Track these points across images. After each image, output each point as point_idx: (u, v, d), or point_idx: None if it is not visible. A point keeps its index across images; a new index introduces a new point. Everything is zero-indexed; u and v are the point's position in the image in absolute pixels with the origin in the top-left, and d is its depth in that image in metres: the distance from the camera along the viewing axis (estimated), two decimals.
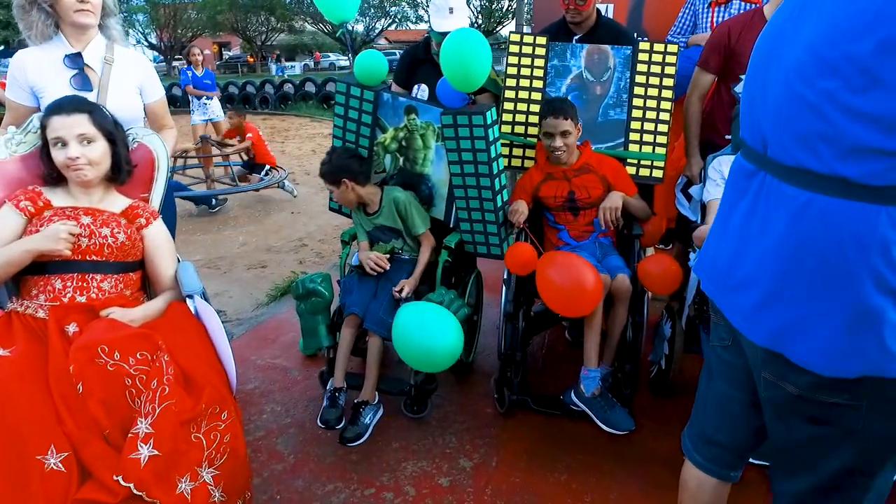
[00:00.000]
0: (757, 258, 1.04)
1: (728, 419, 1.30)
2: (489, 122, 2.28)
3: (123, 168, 1.82)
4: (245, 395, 2.54)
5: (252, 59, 38.46)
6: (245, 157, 6.59)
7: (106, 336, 1.47)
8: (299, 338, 2.87)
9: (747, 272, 1.07)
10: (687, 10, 3.30)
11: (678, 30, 3.34)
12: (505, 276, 2.36)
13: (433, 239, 2.45)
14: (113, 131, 1.78)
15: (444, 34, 2.42)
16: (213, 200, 5.90)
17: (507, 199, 2.49)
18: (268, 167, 6.48)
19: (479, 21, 29.72)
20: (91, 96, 2.03)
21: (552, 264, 2.11)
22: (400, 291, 2.28)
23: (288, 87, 16.09)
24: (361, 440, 2.13)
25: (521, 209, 2.36)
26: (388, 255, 2.34)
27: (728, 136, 2.50)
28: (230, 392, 1.58)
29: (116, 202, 1.82)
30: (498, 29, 30.20)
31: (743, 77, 2.47)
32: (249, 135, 6.44)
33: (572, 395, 2.14)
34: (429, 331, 1.98)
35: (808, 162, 0.93)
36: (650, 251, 3.19)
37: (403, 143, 2.57)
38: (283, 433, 2.30)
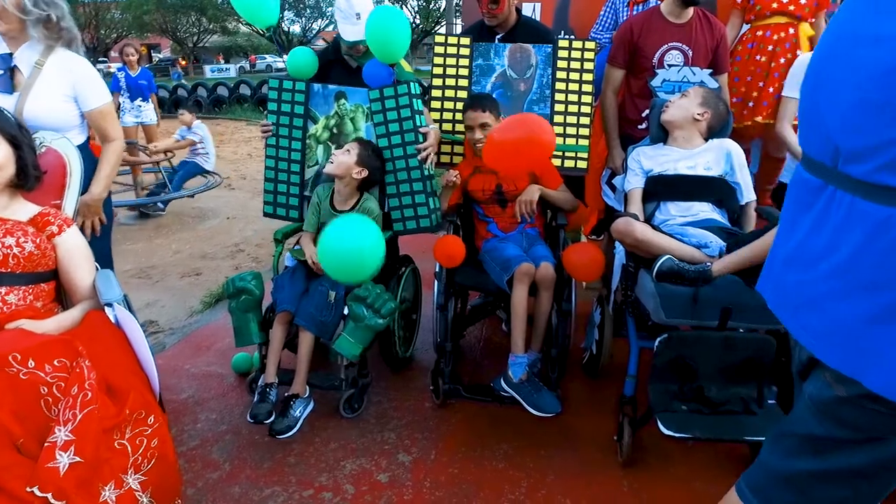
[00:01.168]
0: (828, 275, 0.98)
1: None
2: (414, 91, 2.42)
3: (31, 174, 1.74)
4: (178, 404, 2.48)
5: (184, 62, 37.06)
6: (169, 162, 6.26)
7: (19, 345, 1.40)
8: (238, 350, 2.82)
9: (817, 292, 1.01)
10: (608, 9, 3.43)
11: (600, 27, 3.46)
12: (436, 270, 2.41)
13: None
14: (16, 134, 1.70)
15: (352, 43, 2.52)
16: (161, 203, 5.72)
17: (438, 188, 2.55)
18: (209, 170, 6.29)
19: (417, 21, 29.75)
20: (10, 99, 1.97)
21: (502, 129, 2.22)
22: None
23: (222, 90, 15.64)
24: (291, 432, 2.12)
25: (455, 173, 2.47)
26: None
27: (641, 127, 2.63)
28: (154, 396, 1.55)
29: (23, 210, 1.73)
30: (436, 28, 30.34)
31: (658, 71, 2.63)
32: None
33: (501, 381, 2.20)
34: (349, 235, 1.94)
35: (888, 177, 0.85)
36: (583, 239, 3.31)
37: (335, 129, 2.61)
38: (218, 441, 2.26)
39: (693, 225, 2.18)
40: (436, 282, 2.41)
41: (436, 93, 2.75)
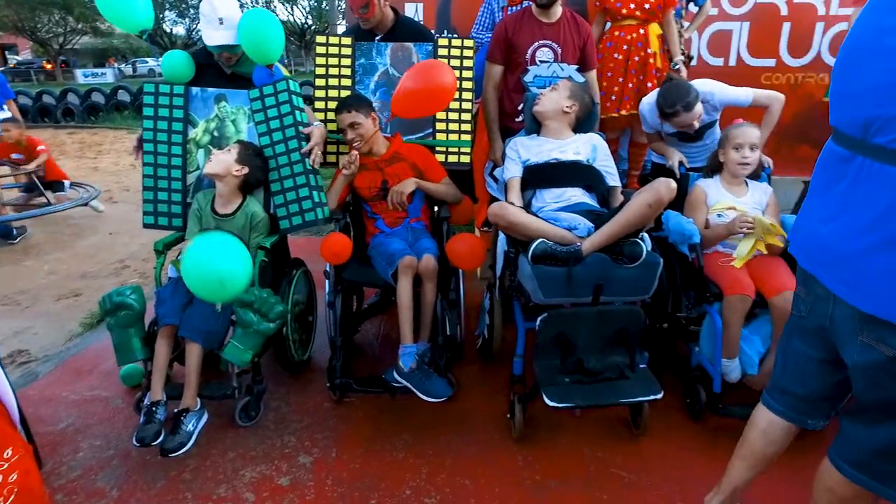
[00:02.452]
0: (862, 232, 1.15)
1: (803, 375, 1.48)
2: (293, 88, 2.46)
3: None
4: (55, 435, 2.31)
5: (50, 66, 33.66)
6: (29, 177, 5.61)
7: None
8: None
9: (853, 246, 1.17)
10: (485, 10, 3.58)
11: (479, 27, 3.60)
12: (326, 269, 2.42)
13: None
14: None
15: (216, 48, 2.51)
16: (14, 231, 5.09)
17: (322, 183, 2.56)
18: (68, 183, 5.80)
19: (310, 21, 29.09)
20: None
21: (406, 80, 2.39)
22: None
23: (97, 97, 14.44)
24: (184, 449, 2.04)
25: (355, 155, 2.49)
26: None
27: (518, 120, 2.78)
28: (13, 428, 1.45)
29: None
30: (329, 29, 29.83)
31: (530, 68, 2.79)
32: (42, 147, 5.62)
33: (393, 372, 2.25)
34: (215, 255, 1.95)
35: None
36: (476, 232, 3.43)
37: (215, 133, 2.55)
38: (104, 468, 2.13)
39: (566, 209, 2.33)
40: (325, 280, 2.42)
41: (319, 93, 2.75)
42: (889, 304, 1.12)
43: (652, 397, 2.07)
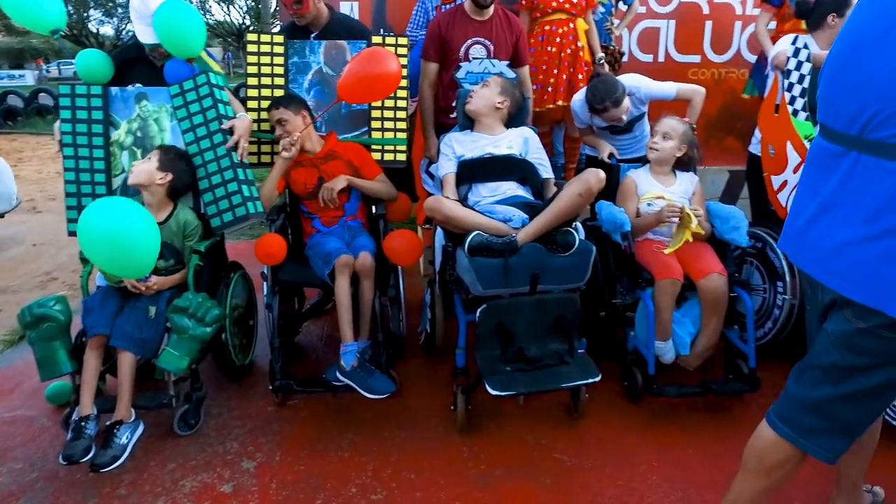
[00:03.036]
0: (857, 225, 1.19)
1: None
2: (214, 81, 2.40)
3: None
4: None
5: None
6: None
7: None
8: (50, 382, 2.53)
9: (846, 238, 1.21)
10: (419, 8, 3.59)
11: (414, 25, 3.61)
12: (263, 271, 2.38)
13: None
14: None
15: (150, 45, 2.45)
16: None
17: (252, 176, 2.51)
18: None
19: (247, 22, 28.31)
20: None
21: (352, 63, 2.40)
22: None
23: (14, 100, 13.57)
24: (118, 463, 1.96)
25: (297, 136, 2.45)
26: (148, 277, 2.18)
27: (452, 116, 2.81)
28: None
29: None
30: (268, 28, 29.13)
31: (462, 64, 2.82)
32: None
33: (335, 371, 2.24)
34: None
35: None
36: (419, 230, 3.44)
37: (138, 133, 2.46)
38: (27, 492, 2.00)
39: (502, 202, 2.38)
40: (263, 282, 2.38)
41: (252, 92, 2.70)
42: (879, 295, 1.18)
43: (590, 380, 2.13)
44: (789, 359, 2.67)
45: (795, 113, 2.55)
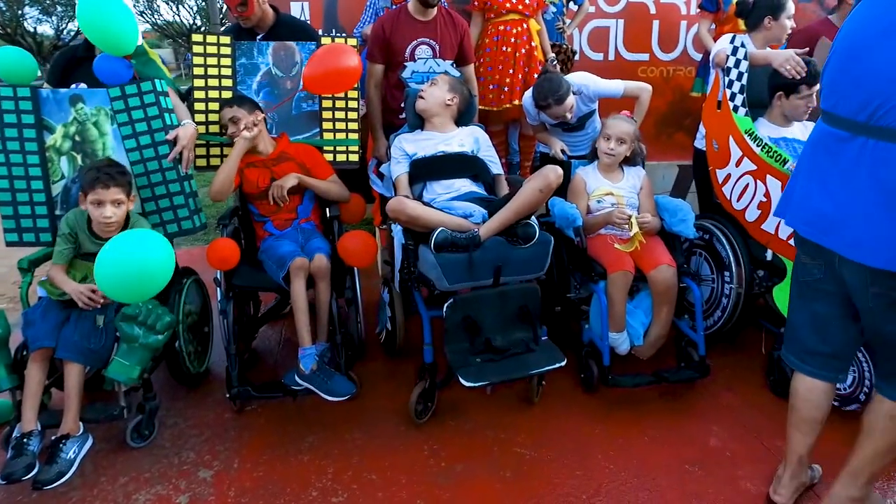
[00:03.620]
0: (871, 202, 1.38)
1: (828, 334, 1.68)
2: (160, 89, 2.33)
3: None
4: None
5: None
6: None
7: None
8: None
9: (863, 212, 1.39)
10: (369, 8, 3.58)
11: (364, 25, 3.60)
12: (216, 276, 2.34)
13: None
14: None
15: None
16: None
17: (196, 188, 2.47)
18: None
19: (198, 22, 27.55)
20: None
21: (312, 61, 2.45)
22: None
23: None
24: (64, 479, 1.89)
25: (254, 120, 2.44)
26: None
27: (402, 116, 2.81)
28: None
29: None
30: (218, 30, 28.38)
31: (407, 64, 2.82)
32: None
33: (294, 375, 2.22)
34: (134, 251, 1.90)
35: None
36: (376, 231, 3.43)
37: (77, 137, 2.36)
38: None
39: (457, 199, 2.40)
40: (217, 288, 2.34)
41: (199, 94, 2.64)
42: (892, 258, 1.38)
43: (557, 365, 2.18)
44: (737, 346, 2.81)
45: (736, 109, 2.65)
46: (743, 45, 2.66)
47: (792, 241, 2.38)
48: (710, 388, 2.54)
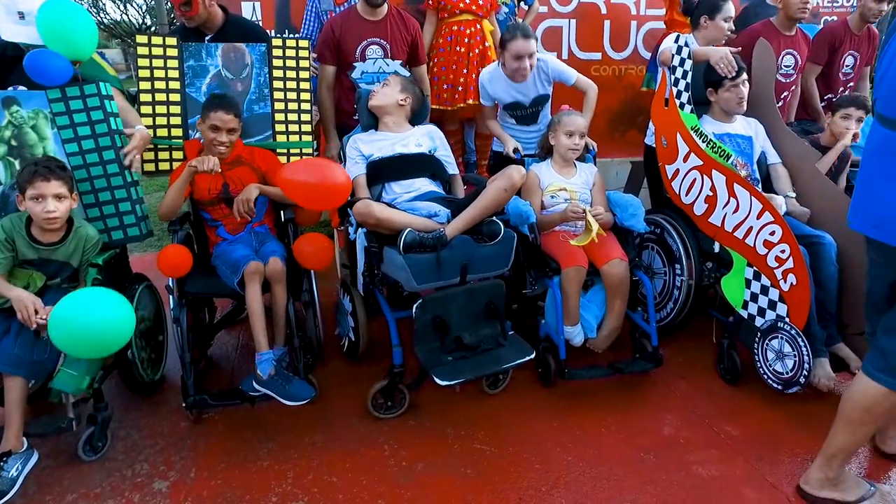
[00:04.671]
0: None
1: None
2: (105, 92, 2.26)
3: None
4: None
5: None
6: None
7: None
8: None
9: None
10: (310, 12, 3.51)
11: (306, 28, 3.53)
12: (168, 284, 2.29)
13: None
14: None
15: (16, 44, 2.30)
16: None
17: (143, 194, 2.42)
18: None
19: (148, 21, 26.64)
20: None
21: (295, 170, 2.26)
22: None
23: None
24: (5, 499, 1.83)
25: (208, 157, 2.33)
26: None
27: (356, 118, 2.81)
28: None
29: None
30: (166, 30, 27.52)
31: (356, 64, 2.81)
32: None
33: (252, 381, 2.20)
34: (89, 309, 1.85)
35: None
36: (335, 233, 3.41)
37: (13, 142, 2.26)
38: None
39: (417, 199, 2.41)
40: (170, 295, 2.29)
41: (145, 97, 2.58)
42: None
43: (527, 357, 2.23)
44: (689, 335, 2.90)
45: (682, 106, 2.73)
46: (687, 45, 2.75)
47: (737, 234, 2.49)
48: (664, 378, 2.62)
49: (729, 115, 2.79)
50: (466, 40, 3.37)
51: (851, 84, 3.76)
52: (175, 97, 2.58)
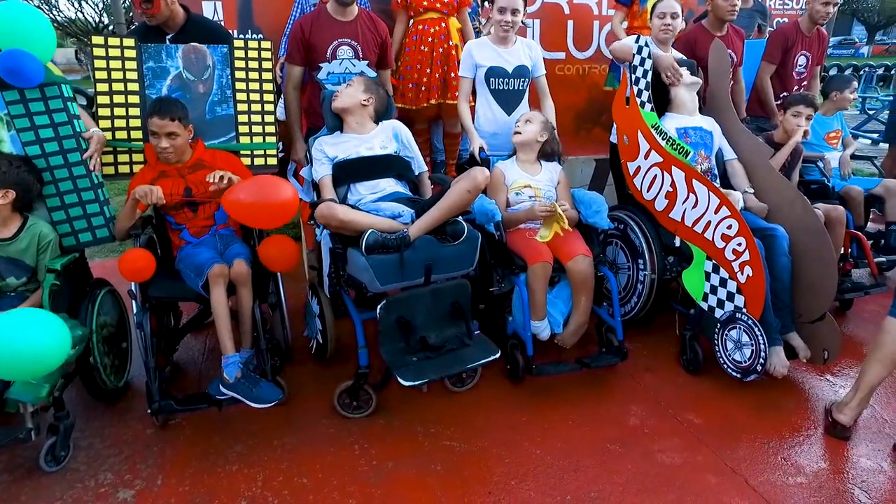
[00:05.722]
0: None
1: None
2: (67, 94, 2.22)
3: None
4: None
5: None
6: None
7: None
8: None
9: None
10: (296, 9, 3.49)
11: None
12: (130, 288, 2.25)
13: None
14: None
15: None
16: None
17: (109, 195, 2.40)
18: None
19: (105, 20, 25.77)
20: None
21: (239, 191, 2.17)
22: None
23: None
24: None
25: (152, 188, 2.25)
26: None
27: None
28: None
29: None
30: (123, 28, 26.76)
31: (322, 65, 2.80)
32: None
33: (219, 385, 2.18)
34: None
35: None
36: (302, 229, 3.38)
37: None
38: None
39: (383, 199, 2.42)
40: (132, 300, 2.25)
41: (103, 99, 2.52)
42: None
43: (492, 357, 2.24)
44: (653, 329, 2.97)
45: (643, 104, 2.80)
46: (647, 45, 2.82)
47: (697, 228, 2.57)
48: (630, 370, 2.68)
49: (690, 110, 2.88)
50: (430, 39, 3.38)
51: (805, 83, 3.90)
52: (134, 99, 2.53)
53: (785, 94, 3.70)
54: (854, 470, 2.09)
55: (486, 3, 4.07)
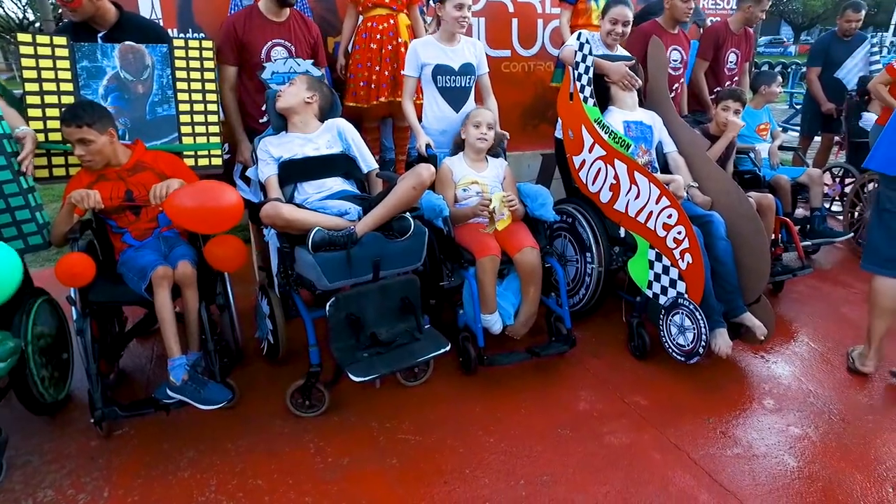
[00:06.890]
0: None
1: None
2: None
3: None
4: None
5: None
6: None
7: None
8: None
9: None
10: (233, 7, 3.44)
11: None
12: (69, 294, 2.17)
13: None
14: None
15: None
16: None
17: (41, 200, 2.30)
18: None
19: (31, 16, 24.36)
20: None
21: (181, 196, 2.09)
22: None
23: None
24: None
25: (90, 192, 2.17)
26: None
27: (262, 121, 2.76)
28: None
29: None
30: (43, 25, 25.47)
31: (266, 65, 2.77)
32: None
33: (166, 389, 2.13)
34: None
35: None
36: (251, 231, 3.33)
37: None
38: None
39: (330, 198, 2.41)
40: (71, 307, 2.17)
41: (33, 99, 2.42)
42: None
43: (442, 350, 2.26)
44: (601, 316, 3.07)
45: (586, 100, 2.89)
46: (588, 42, 2.90)
47: (640, 218, 2.67)
48: (579, 358, 2.76)
49: (631, 105, 2.98)
50: (379, 36, 3.37)
51: (736, 78, 4.10)
52: (68, 99, 2.44)
53: (718, 88, 3.87)
54: (784, 438, 2.22)
55: (431, 2, 4.09)
